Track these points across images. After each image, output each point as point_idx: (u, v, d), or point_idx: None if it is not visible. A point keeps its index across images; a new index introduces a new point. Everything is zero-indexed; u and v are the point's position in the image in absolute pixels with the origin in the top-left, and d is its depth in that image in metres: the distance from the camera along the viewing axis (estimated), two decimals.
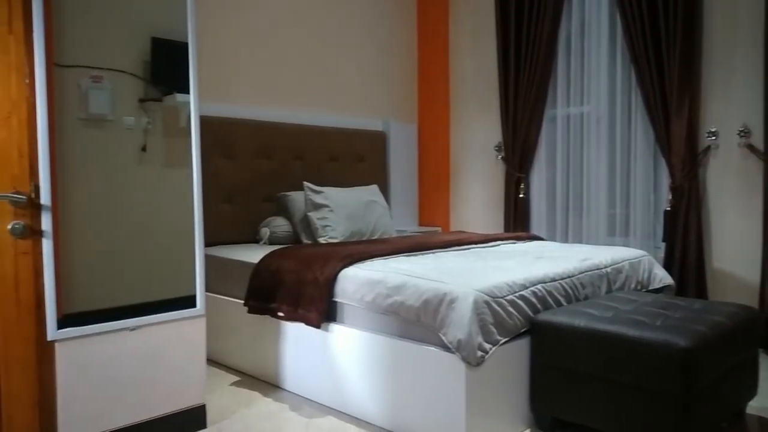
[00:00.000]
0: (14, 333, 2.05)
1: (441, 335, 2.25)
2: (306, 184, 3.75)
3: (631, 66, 3.92)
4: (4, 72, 2.00)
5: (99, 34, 2.26)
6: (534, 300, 2.47)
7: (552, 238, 4.44)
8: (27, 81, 2.04)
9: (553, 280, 2.61)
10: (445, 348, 2.25)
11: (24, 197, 2.03)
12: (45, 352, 2.11)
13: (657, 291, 3.27)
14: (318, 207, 3.67)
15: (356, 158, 4.60)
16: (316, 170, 4.27)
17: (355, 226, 3.74)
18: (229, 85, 3.96)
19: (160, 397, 2.39)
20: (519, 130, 4.50)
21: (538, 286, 2.52)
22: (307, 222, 3.70)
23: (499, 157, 4.72)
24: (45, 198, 2.05)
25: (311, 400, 2.84)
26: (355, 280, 2.63)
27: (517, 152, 4.53)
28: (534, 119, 4.44)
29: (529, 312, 2.43)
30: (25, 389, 2.08)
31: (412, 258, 2.97)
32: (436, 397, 2.29)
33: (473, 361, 2.17)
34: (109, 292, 2.29)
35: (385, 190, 4.75)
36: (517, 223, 4.59)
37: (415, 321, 2.37)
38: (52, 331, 2.09)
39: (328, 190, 3.77)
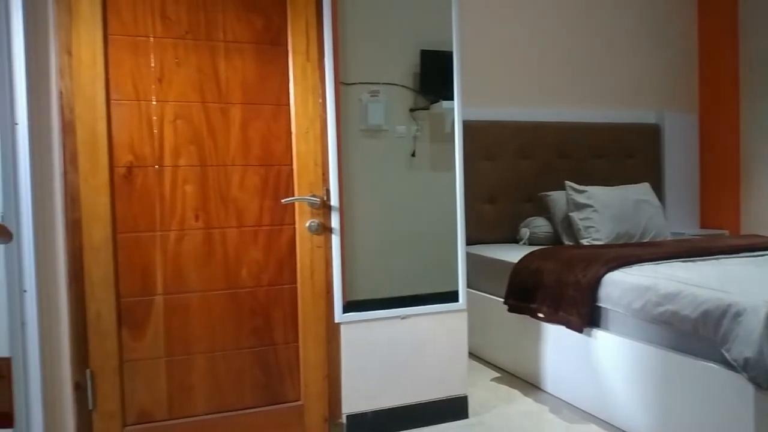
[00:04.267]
0: (310, 313, 2.42)
1: (723, 351, 2.00)
2: (568, 183, 3.65)
3: None
4: (303, 94, 2.38)
5: (376, 53, 2.54)
6: None
7: None
8: (320, 100, 2.39)
9: None
10: (729, 366, 1.99)
11: (318, 200, 2.39)
12: (332, 332, 2.45)
13: None
14: (581, 207, 3.54)
15: (625, 154, 4.31)
16: (579, 169, 4.11)
17: (622, 228, 3.52)
18: (490, 89, 4.05)
19: (426, 383, 2.58)
20: None
21: None
22: (568, 222, 3.60)
23: None
24: (334, 200, 2.39)
25: (572, 405, 2.77)
26: (621, 285, 2.48)
27: None
28: None
29: None
30: (318, 362, 2.44)
31: (689, 264, 2.69)
32: (716, 420, 2.04)
33: (765, 383, 1.88)
34: (383, 284, 2.55)
35: (658, 189, 4.34)
36: None
37: (691, 333, 2.15)
38: (338, 315, 2.42)
39: (592, 189, 3.61)
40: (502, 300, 3.11)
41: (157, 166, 2.22)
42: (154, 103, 2.20)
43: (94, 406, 2.16)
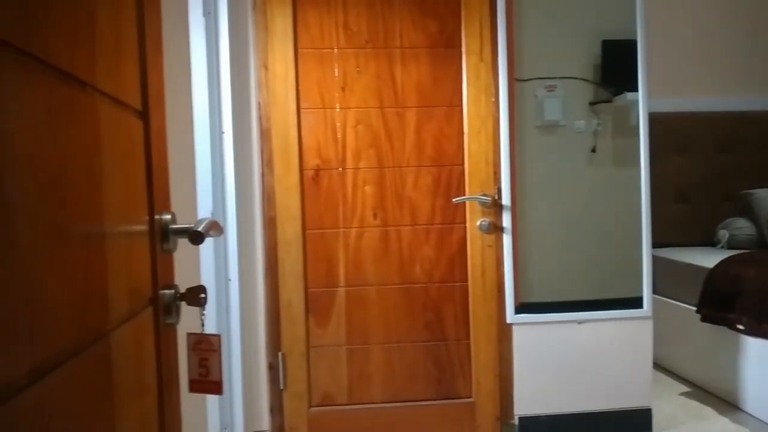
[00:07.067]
0: (481, 312, 2.43)
1: None
2: None
3: None
4: (476, 95, 2.39)
5: (552, 47, 2.46)
6: None
7: None
8: (493, 99, 2.39)
9: None
10: None
11: (489, 199, 2.39)
12: (504, 332, 2.44)
13: None
14: None
15: None
16: None
17: None
18: (680, 77, 3.70)
19: (605, 391, 2.45)
20: None
21: None
22: None
23: None
24: (505, 199, 2.37)
25: None
26: None
27: None
28: None
29: None
30: (490, 361, 2.45)
31: None
32: None
33: None
34: (557, 286, 2.48)
35: None
36: None
37: None
38: (510, 315, 2.40)
39: None
40: (694, 308, 2.84)
41: (340, 169, 2.38)
42: (338, 109, 2.37)
43: (285, 386, 2.39)
